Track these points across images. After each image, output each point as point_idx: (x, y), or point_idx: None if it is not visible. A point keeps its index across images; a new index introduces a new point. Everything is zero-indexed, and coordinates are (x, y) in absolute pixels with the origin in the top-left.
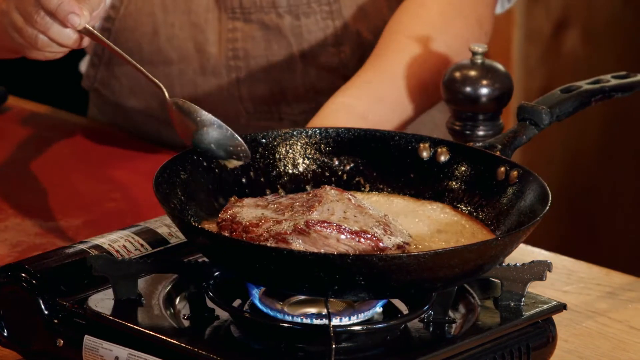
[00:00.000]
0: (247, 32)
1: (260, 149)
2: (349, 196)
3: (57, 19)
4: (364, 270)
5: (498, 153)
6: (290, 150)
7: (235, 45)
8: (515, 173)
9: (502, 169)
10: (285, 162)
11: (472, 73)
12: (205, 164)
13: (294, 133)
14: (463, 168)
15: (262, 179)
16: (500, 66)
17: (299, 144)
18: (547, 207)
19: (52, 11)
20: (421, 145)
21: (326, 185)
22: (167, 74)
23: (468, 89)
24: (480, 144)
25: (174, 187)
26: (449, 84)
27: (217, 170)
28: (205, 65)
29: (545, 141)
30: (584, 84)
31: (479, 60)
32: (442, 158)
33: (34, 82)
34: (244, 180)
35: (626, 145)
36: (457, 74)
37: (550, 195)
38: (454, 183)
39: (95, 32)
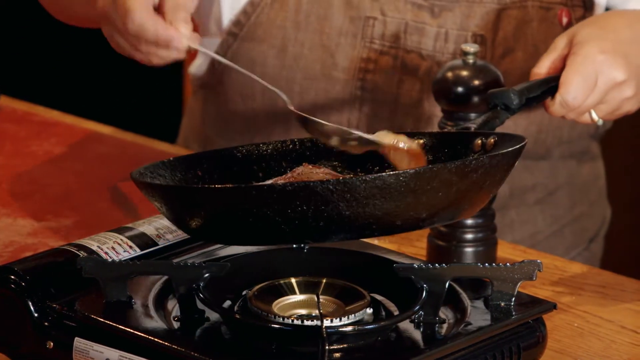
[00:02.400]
0: (381, 65)
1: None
2: (329, 171)
3: (160, 47)
4: (348, 196)
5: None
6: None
7: (365, 75)
8: (492, 140)
9: (479, 141)
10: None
11: (464, 73)
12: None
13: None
14: (441, 152)
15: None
16: (492, 66)
17: (273, 151)
18: (525, 141)
19: (152, 43)
20: None
21: (305, 162)
22: (289, 89)
23: (460, 88)
24: (454, 129)
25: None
26: (441, 83)
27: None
28: (329, 89)
29: None
30: None
31: (470, 60)
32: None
33: (32, 83)
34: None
35: (620, 144)
36: (449, 74)
37: (525, 138)
38: None
39: (200, 48)
